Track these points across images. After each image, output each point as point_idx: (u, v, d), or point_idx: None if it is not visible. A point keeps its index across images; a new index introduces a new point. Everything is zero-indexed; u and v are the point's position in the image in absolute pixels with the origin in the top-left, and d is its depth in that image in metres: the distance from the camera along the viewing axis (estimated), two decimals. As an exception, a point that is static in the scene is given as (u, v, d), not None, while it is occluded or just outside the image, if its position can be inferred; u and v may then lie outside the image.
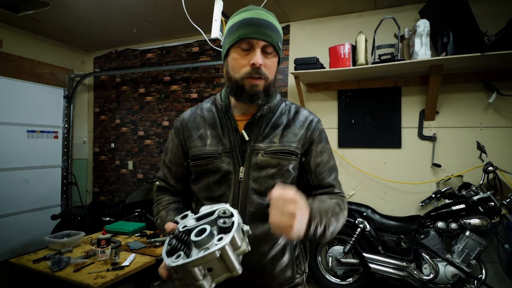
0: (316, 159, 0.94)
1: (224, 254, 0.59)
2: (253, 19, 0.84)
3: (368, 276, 2.51)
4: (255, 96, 0.86)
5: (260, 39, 0.82)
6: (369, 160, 2.91)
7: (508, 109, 2.51)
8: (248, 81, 0.84)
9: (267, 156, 0.89)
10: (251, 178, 0.88)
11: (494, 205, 2.17)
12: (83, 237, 2.08)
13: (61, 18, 3.26)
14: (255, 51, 0.83)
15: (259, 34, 0.82)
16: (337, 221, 0.84)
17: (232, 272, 0.61)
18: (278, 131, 0.92)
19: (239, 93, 0.87)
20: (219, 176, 0.89)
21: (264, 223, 0.87)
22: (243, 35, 0.83)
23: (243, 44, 0.84)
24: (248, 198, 0.87)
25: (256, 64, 0.82)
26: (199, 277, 0.58)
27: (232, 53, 0.87)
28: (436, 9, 2.50)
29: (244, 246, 0.64)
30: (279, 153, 0.89)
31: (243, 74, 0.84)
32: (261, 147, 0.90)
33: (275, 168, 0.89)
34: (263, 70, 0.84)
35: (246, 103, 0.89)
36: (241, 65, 0.85)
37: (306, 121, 0.95)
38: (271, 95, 0.90)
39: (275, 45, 0.85)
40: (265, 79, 0.86)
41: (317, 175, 0.94)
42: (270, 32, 0.84)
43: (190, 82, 3.74)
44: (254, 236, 0.86)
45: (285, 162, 0.89)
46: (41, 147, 3.79)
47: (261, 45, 0.83)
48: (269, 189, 0.87)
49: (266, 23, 0.84)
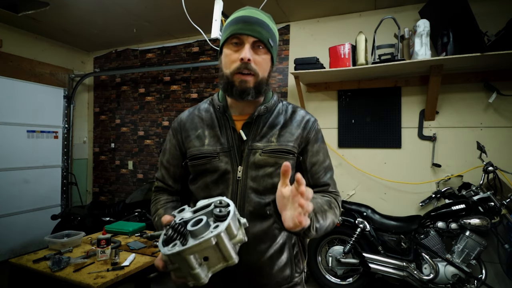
0: (312, 159, 0.96)
1: (220, 241, 0.58)
2: (244, 16, 0.86)
3: (368, 276, 2.51)
4: (245, 92, 0.86)
5: (250, 35, 0.84)
6: (369, 160, 2.91)
7: (508, 109, 2.51)
8: (238, 77, 0.85)
9: (265, 155, 0.89)
10: (249, 177, 0.89)
11: (494, 205, 2.17)
12: (83, 237, 2.08)
13: (61, 18, 3.26)
14: (244, 47, 0.84)
15: (249, 30, 0.84)
16: (324, 219, 0.82)
17: (229, 261, 0.60)
18: (276, 130, 0.93)
19: (230, 89, 0.87)
20: (217, 176, 0.90)
21: (263, 222, 0.88)
22: (233, 31, 0.85)
23: (234, 39, 0.86)
24: (247, 197, 0.88)
25: (244, 59, 0.83)
26: (195, 265, 0.58)
27: (224, 50, 0.89)
28: (436, 9, 2.50)
29: (241, 235, 0.63)
30: (277, 152, 0.90)
31: (233, 69, 0.85)
32: (259, 146, 0.90)
33: (273, 167, 0.89)
34: (252, 65, 0.84)
35: (237, 100, 0.90)
36: (232, 60, 0.86)
37: (303, 121, 0.96)
38: (262, 92, 0.90)
39: (265, 41, 0.86)
40: (255, 75, 0.86)
41: (313, 174, 0.95)
42: (259, 29, 0.85)
43: (190, 82, 3.74)
44: (253, 234, 0.86)
45: (282, 160, 0.90)
46: (41, 147, 3.79)
47: (251, 41, 0.84)
48: (267, 188, 0.89)
49: (257, 21, 0.85)
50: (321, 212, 0.82)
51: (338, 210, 0.92)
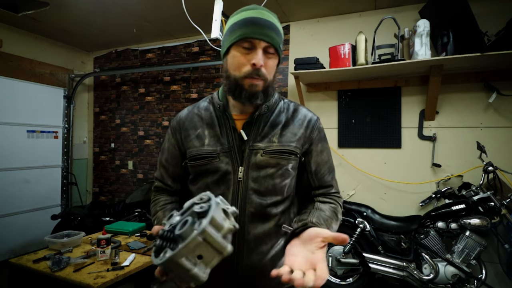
0: (316, 159, 0.95)
1: (207, 236, 0.57)
2: (256, 18, 0.82)
3: (368, 276, 2.51)
4: (254, 96, 0.85)
5: (263, 40, 0.81)
6: (369, 160, 2.91)
7: (508, 109, 2.50)
8: (248, 81, 0.83)
9: (267, 156, 0.88)
10: (250, 178, 0.88)
11: (494, 205, 2.17)
12: (83, 237, 2.08)
13: (61, 18, 3.26)
14: (256, 51, 0.82)
15: (262, 34, 0.81)
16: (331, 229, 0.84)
17: (223, 253, 0.59)
18: (277, 130, 0.91)
19: (238, 92, 0.85)
20: (218, 176, 0.89)
21: (264, 223, 0.88)
22: (245, 34, 0.82)
23: (245, 43, 0.82)
24: (248, 198, 0.87)
25: (257, 65, 0.81)
26: (190, 267, 0.57)
27: (232, 51, 0.85)
28: (436, 9, 2.50)
29: (228, 225, 0.61)
30: (278, 152, 0.89)
31: (243, 73, 0.83)
32: (260, 146, 0.89)
33: (275, 168, 0.88)
34: (263, 71, 0.83)
35: (244, 103, 0.88)
36: (242, 63, 0.83)
37: (305, 120, 0.95)
38: (269, 95, 0.90)
39: (276, 46, 0.84)
40: (265, 80, 0.85)
41: (317, 174, 0.95)
42: (272, 33, 0.83)
43: (190, 82, 3.74)
44: (254, 236, 0.86)
45: (284, 161, 0.89)
46: (41, 147, 3.78)
47: (263, 46, 0.82)
48: (268, 189, 0.88)
49: (268, 24, 0.83)
50: (329, 226, 0.83)
51: (340, 214, 0.93)
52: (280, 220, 0.91)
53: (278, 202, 0.90)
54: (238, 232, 0.87)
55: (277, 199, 0.90)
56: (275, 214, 0.89)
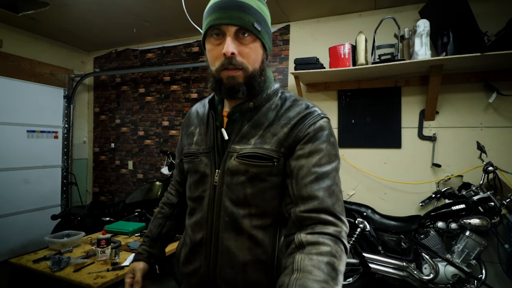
0: (299, 161, 0.73)
1: None
2: (221, 2, 0.72)
3: (368, 276, 2.51)
4: (234, 89, 0.75)
5: (230, 24, 0.71)
6: (369, 160, 2.91)
7: (508, 109, 2.50)
8: (224, 73, 0.74)
9: (238, 160, 0.76)
10: (225, 184, 0.78)
11: (494, 205, 2.17)
12: (83, 237, 2.08)
13: (61, 18, 3.26)
14: (225, 39, 0.72)
15: (227, 18, 0.71)
16: None
17: None
18: (260, 130, 0.78)
19: (218, 87, 0.77)
20: (198, 177, 0.84)
21: (237, 236, 0.77)
22: (210, 22, 0.73)
23: (214, 31, 0.74)
24: (222, 205, 0.78)
25: (227, 54, 0.71)
26: None
27: (207, 44, 0.78)
28: (436, 9, 2.50)
29: None
30: (248, 157, 0.75)
31: (218, 66, 0.74)
32: (236, 149, 0.78)
33: (244, 175, 0.76)
34: (237, 59, 0.72)
35: (227, 99, 0.81)
36: (215, 56, 0.75)
37: (296, 117, 0.77)
38: (256, 87, 0.78)
39: (248, 27, 0.72)
40: (244, 69, 0.74)
41: (297, 180, 0.71)
42: (240, 14, 0.71)
43: (190, 82, 3.74)
44: (227, 247, 0.77)
45: (254, 168, 0.75)
46: (41, 147, 3.78)
47: (233, 31, 0.72)
48: (239, 198, 0.76)
49: (235, 4, 0.71)
50: None
51: (343, 266, 0.63)
52: (257, 237, 0.76)
53: (252, 215, 0.76)
54: (213, 241, 0.79)
55: (250, 212, 0.76)
56: (248, 228, 0.76)
